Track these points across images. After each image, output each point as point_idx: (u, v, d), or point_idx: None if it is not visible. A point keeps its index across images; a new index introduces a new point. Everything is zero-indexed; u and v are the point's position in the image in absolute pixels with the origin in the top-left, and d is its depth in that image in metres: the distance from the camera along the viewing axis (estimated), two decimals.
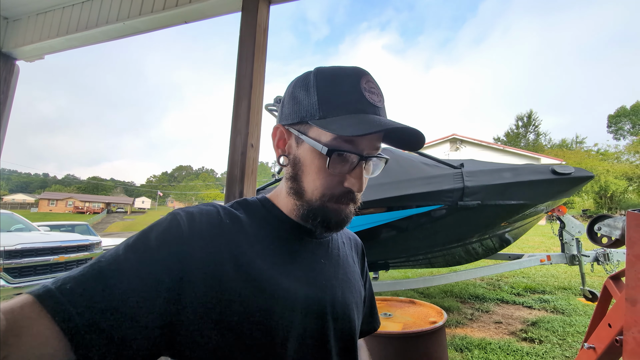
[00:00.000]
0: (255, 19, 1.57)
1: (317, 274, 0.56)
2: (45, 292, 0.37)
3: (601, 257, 4.34)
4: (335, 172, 0.52)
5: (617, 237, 1.18)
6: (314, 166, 0.52)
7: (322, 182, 0.52)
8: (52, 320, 0.36)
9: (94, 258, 0.43)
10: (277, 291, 0.49)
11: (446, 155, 18.50)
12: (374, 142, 0.53)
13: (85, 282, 0.39)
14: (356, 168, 0.52)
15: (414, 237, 3.53)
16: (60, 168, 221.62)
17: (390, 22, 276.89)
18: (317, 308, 0.52)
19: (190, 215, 0.49)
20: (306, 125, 0.53)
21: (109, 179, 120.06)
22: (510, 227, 4.22)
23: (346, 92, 0.51)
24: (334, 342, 0.54)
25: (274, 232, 0.55)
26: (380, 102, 0.54)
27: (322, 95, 0.51)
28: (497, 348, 3.09)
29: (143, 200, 77.24)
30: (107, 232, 31.87)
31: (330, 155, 0.50)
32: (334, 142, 0.50)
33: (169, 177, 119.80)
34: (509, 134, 47.02)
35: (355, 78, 0.52)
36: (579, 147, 41.32)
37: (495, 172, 3.35)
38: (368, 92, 0.52)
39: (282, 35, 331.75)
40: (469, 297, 4.89)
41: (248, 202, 0.59)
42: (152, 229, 0.47)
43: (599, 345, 1.27)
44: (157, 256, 0.43)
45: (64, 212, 59.25)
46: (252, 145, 1.51)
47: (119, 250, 0.43)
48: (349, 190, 0.52)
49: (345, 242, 0.68)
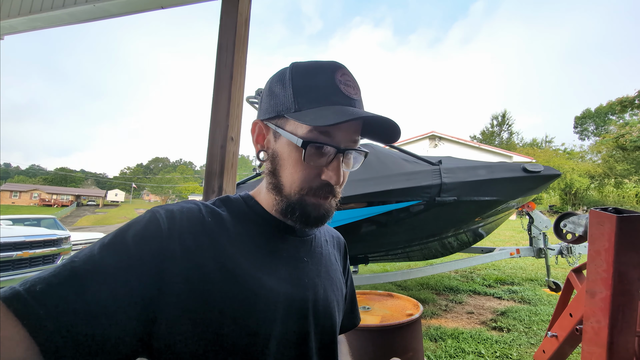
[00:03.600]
0: (237, 8, 1.52)
1: (299, 272, 0.56)
2: (12, 295, 0.35)
3: (565, 250, 4.64)
4: (312, 165, 0.52)
5: (581, 233, 1.25)
6: (291, 159, 0.52)
7: (299, 176, 0.52)
8: (19, 324, 0.34)
9: (67, 258, 0.41)
10: (260, 290, 0.48)
11: (425, 152, 18.98)
12: (351, 135, 0.53)
13: (56, 284, 0.37)
14: (333, 161, 0.51)
15: (393, 231, 3.61)
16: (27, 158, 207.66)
17: (384, 19, 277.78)
18: (299, 306, 0.52)
19: (170, 213, 0.48)
20: (283, 119, 0.53)
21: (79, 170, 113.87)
22: (483, 222, 4.40)
23: (321, 85, 0.51)
24: (314, 339, 0.54)
25: (257, 230, 0.55)
26: (357, 95, 0.54)
27: (297, 88, 0.52)
28: (469, 337, 3.24)
29: (116, 193, 73.94)
30: (77, 226, 30.33)
31: (305, 147, 0.50)
32: (309, 135, 0.50)
33: (144, 169, 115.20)
34: (484, 132, 48.75)
35: (331, 71, 0.52)
36: (548, 146, 43.55)
37: (470, 169, 3.47)
38: (343, 84, 0.52)
39: (274, 27, 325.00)
40: (444, 289, 5.08)
41: (230, 199, 0.58)
42: (130, 227, 0.45)
43: (561, 334, 1.35)
44: (134, 256, 0.42)
45: (29, 205, 55.71)
46: (232, 139, 1.47)
47: (94, 250, 0.41)
48: (327, 183, 0.52)
49: (328, 240, 0.69)
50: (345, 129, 0.52)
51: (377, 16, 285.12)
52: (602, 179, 26.61)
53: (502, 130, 47.76)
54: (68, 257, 0.40)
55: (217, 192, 1.43)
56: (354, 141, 0.54)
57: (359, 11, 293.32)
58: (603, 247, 0.94)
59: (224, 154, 1.42)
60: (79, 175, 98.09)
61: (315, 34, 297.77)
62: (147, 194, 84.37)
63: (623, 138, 19.48)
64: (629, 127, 19.77)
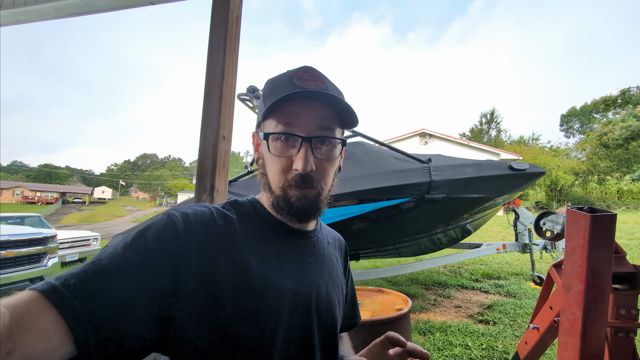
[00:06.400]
0: (228, 6, 1.51)
1: (303, 272, 0.58)
2: (50, 287, 0.38)
3: (549, 245, 4.78)
4: (282, 156, 0.55)
5: (559, 231, 1.31)
6: (268, 156, 0.57)
7: (276, 169, 0.56)
8: (57, 314, 0.37)
9: (94, 257, 0.44)
10: (268, 287, 0.51)
11: (416, 149, 19.17)
12: (315, 122, 0.55)
13: (87, 279, 0.40)
14: (300, 149, 0.54)
15: (384, 228, 3.66)
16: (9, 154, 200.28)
17: (385, 15, 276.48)
18: (303, 303, 0.55)
19: (185, 215, 0.51)
20: (261, 124, 0.59)
21: (64, 166, 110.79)
22: (471, 219, 4.51)
23: (281, 86, 0.56)
24: (317, 336, 0.57)
25: (263, 232, 0.58)
26: (316, 86, 0.56)
27: (266, 95, 0.58)
28: (457, 330, 3.34)
29: (103, 190, 72.17)
30: (62, 224, 29.58)
31: (267, 139, 0.55)
32: (275, 129, 0.55)
33: (132, 165, 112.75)
34: (473, 130, 49.42)
35: (292, 73, 0.57)
36: (535, 143, 44.51)
37: (459, 167, 3.54)
38: (303, 80, 0.56)
39: (273, 23, 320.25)
40: (433, 284, 5.19)
41: (238, 203, 0.62)
42: (149, 228, 0.48)
43: (541, 326, 1.42)
44: (154, 254, 0.45)
45: (11, 203, 54.00)
46: (224, 137, 1.47)
47: (118, 249, 0.45)
48: (299, 172, 0.54)
49: (330, 242, 0.72)
50: (305, 117, 0.55)
51: (377, 13, 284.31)
52: (586, 175, 27.37)
53: (491, 128, 48.51)
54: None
55: (209, 190, 1.43)
56: (322, 129, 0.55)
57: (358, 7, 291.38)
58: (578, 244, 0.99)
59: (216, 153, 1.43)
60: (64, 172, 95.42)
61: (314, 30, 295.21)
62: (135, 191, 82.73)
63: (606, 136, 20.02)
64: (612, 125, 20.32)
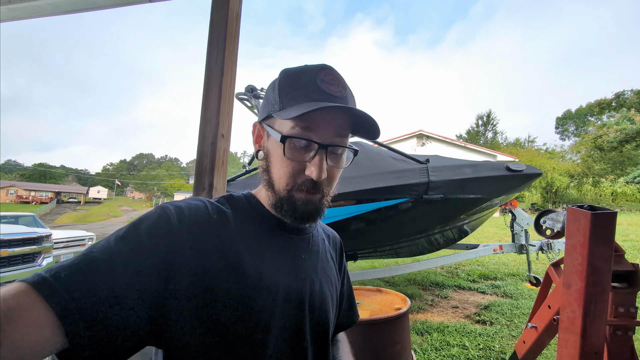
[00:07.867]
0: (227, 4, 1.51)
1: (297, 268, 0.58)
2: (39, 279, 0.37)
3: (545, 246, 4.83)
4: (296, 161, 0.53)
5: (559, 229, 1.32)
6: (277, 155, 0.55)
7: (285, 171, 0.54)
8: (47, 306, 0.36)
9: (85, 249, 0.44)
10: (261, 283, 0.50)
11: (413, 150, 19.24)
12: (335, 130, 0.54)
13: (78, 271, 0.39)
14: (316, 156, 0.53)
15: (381, 228, 3.67)
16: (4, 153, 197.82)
17: (387, 18, 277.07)
18: (297, 297, 0.55)
19: (179, 209, 0.50)
20: (272, 119, 0.57)
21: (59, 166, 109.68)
22: (468, 219, 4.53)
23: (303, 84, 0.54)
24: (310, 331, 0.57)
25: (259, 228, 0.57)
26: (340, 93, 0.55)
27: (283, 89, 0.55)
28: (454, 330, 3.34)
29: (99, 190, 71.56)
30: (57, 224, 29.31)
31: (284, 142, 0.52)
32: (292, 131, 0.53)
33: (127, 165, 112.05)
34: (469, 132, 49.70)
35: (314, 71, 0.55)
36: (531, 145, 44.83)
37: (456, 167, 3.56)
38: (326, 83, 0.54)
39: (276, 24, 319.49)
40: (430, 285, 5.20)
41: (234, 197, 0.61)
42: (142, 221, 0.47)
43: (540, 324, 1.42)
44: (147, 247, 0.44)
45: (5, 202, 53.41)
46: (222, 136, 1.46)
47: (110, 241, 0.44)
48: (310, 179, 0.53)
49: (325, 239, 0.71)
50: (325, 124, 0.53)
51: (379, 15, 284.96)
52: (581, 178, 27.63)
53: (487, 130, 48.82)
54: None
55: (208, 189, 1.42)
56: (339, 137, 0.55)
57: (361, 8, 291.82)
58: (579, 241, 1.00)
59: (215, 151, 1.42)
60: (59, 171, 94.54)
61: (317, 32, 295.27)
62: (131, 191, 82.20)
63: (600, 139, 20.25)
64: (606, 128, 20.57)
